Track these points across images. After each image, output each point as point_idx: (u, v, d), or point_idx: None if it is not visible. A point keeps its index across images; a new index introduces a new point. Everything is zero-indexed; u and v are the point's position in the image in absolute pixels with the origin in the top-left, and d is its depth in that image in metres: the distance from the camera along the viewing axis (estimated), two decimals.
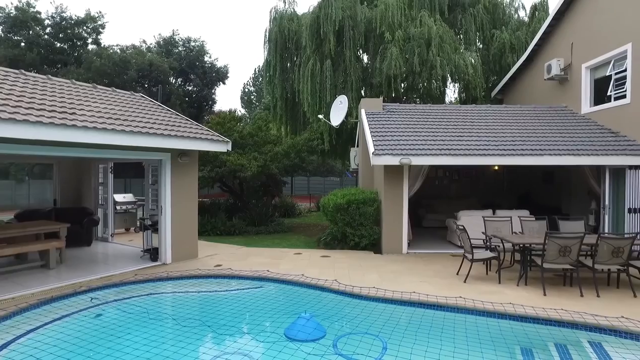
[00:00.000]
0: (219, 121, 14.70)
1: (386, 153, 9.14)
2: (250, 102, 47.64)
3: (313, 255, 9.51)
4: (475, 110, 12.41)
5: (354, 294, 6.50)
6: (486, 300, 6.04)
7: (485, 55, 16.76)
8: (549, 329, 5.29)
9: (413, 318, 5.73)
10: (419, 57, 14.46)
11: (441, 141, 9.86)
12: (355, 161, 13.50)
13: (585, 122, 11.11)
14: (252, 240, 11.84)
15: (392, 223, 9.77)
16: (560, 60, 12.26)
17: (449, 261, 8.82)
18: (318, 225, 15.10)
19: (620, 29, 10.35)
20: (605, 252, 6.44)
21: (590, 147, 9.53)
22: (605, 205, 9.77)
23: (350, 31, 14.95)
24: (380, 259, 9.13)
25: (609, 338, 5.02)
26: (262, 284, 7.36)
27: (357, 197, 9.84)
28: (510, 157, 9.27)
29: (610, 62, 10.77)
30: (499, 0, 17.36)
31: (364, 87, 16.36)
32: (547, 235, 6.45)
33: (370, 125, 10.77)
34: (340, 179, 32.26)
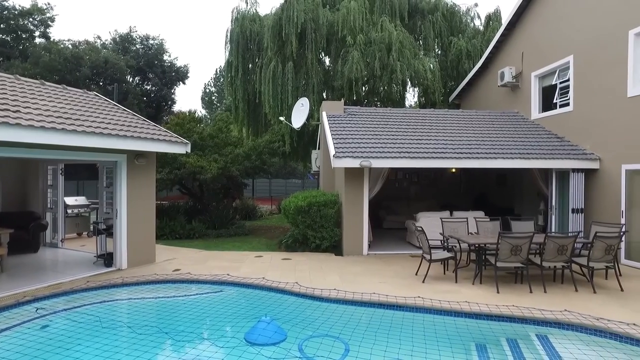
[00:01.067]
0: (178, 122, 14.34)
1: (347, 156, 9.25)
2: (211, 103, 46.78)
3: (274, 258, 9.45)
4: (433, 115, 12.78)
5: (314, 296, 6.52)
6: (443, 299, 6.22)
7: (443, 61, 17.32)
8: (501, 325, 5.52)
9: (373, 318, 5.81)
10: (380, 61, 14.74)
11: (401, 144, 10.08)
12: (316, 163, 13.57)
13: (535, 127, 11.71)
14: (213, 244, 11.61)
15: (353, 225, 9.88)
16: (512, 68, 12.87)
17: (409, 262, 9.02)
18: (279, 228, 15.03)
19: (563, 41, 11.00)
20: (551, 250, 6.81)
21: (539, 151, 10.05)
22: (552, 206, 10.33)
23: (313, 34, 15.03)
24: (341, 261, 9.21)
25: (553, 330, 5.32)
26: (222, 288, 7.24)
27: (318, 200, 9.88)
28: (466, 160, 9.62)
29: (555, 72, 11.42)
30: (456, 8, 18.01)
31: (326, 89, 16.48)
32: (500, 235, 6.74)
33: (332, 127, 10.85)
34: (302, 181, 32.27)
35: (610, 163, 9.44)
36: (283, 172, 31.97)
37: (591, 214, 9.77)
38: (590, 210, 9.83)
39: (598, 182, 9.73)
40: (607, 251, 6.86)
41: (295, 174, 33.34)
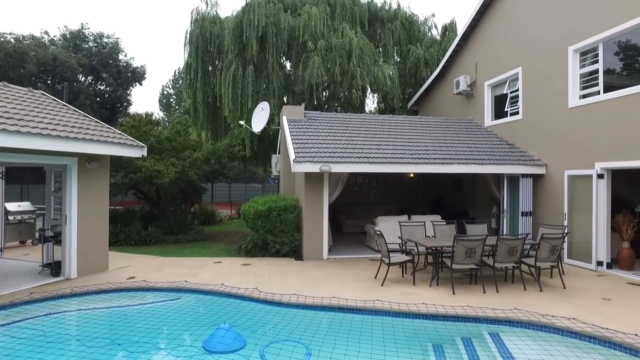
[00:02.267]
0: (134, 124, 13.85)
1: (307, 160, 9.27)
2: (169, 105, 45.49)
3: (233, 264, 9.31)
4: (392, 121, 13.08)
5: (274, 302, 6.47)
6: (402, 302, 6.35)
7: (402, 68, 17.78)
8: (457, 325, 5.71)
9: (333, 322, 5.84)
10: (340, 67, 14.94)
11: (360, 149, 10.24)
12: (276, 168, 13.52)
13: (488, 134, 12.25)
14: (170, 250, 11.27)
15: (313, 229, 9.90)
16: (467, 77, 13.42)
17: (368, 265, 9.14)
18: (239, 233, 14.82)
19: (513, 53, 11.60)
20: (503, 252, 7.13)
21: (491, 157, 10.51)
22: (504, 209, 10.83)
23: (274, 38, 15.01)
24: (301, 265, 9.20)
25: (504, 328, 5.57)
26: (179, 295, 7.04)
27: (278, 204, 9.84)
28: (424, 166, 9.90)
29: (506, 82, 12.02)
30: (414, 18, 18.57)
31: (287, 94, 16.48)
32: (455, 238, 6.97)
33: (292, 132, 10.86)
34: (262, 186, 32.00)
35: (554, 169, 10.02)
36: (243, 176, 31.57)
37: (539, 216, 10.31)
38: (538, 213, 10.38)
39: (544, 187, 10.30)
40: (552, 251, 7.27)
41: (255, 178, 33.00)
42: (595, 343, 5.00)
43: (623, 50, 9.11)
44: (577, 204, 9.34)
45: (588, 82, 9.39)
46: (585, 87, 9.44)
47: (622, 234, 8.76)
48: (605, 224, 8.77)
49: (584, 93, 9.46)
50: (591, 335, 5.07)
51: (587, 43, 9.24)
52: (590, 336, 5.07)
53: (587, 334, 5.10)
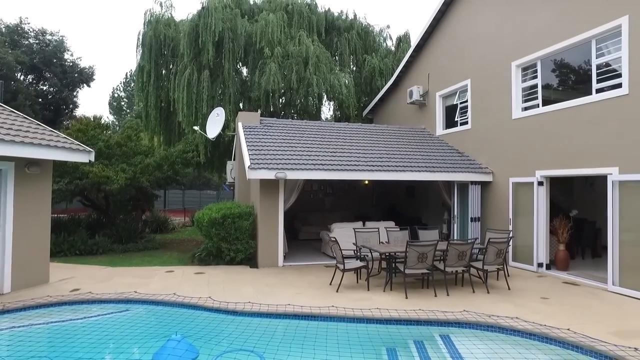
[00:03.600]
0: (80, 128, 13.16)
1: (262, 167, 9.22)
2: (120, 109, 43.68)
3: (186, 272, 9.05)
4: (347, 128, 13.28)
5: (228, 310, 6.35)
6: (356, 307, 6.42)
7: (358, 77, 18.14)
8: (409, 328, 5.85)
9: (288, 330, 5.81)
10: (297, 74, 15.02)
11: (316, 156, 10.31)
12: (231, 174, 13.33)
13: (439, 142, 12.72)
14: (119, 260, 10.77)
15: (268, 236, 9.83)
16: (420, 88, 13.90)
17: (323, 272, 9.18)
18: (193, 241, 14.43)
19: (462, 66, 12.17)
20: (453, 256, 7.40)
21: (443, 165, 10.91)
22: (455, 215, 11.26)
23: (230, 43, 14.87)
24: (256, 273, 9.10)
25: (454, 330, 5.77)
26: (128, 307, 6.73)
27: (232, 211, 9.69)
28: (378, 173, 10.12)
29: (456, 93, 12.57)
30: (370, 28, 19.03)
31: (243, 100, 16.36)
32: (408, 244, 7.16)
33: (247, 138, 10.77)
34: (217, 193, 31.37)
35: (500, 176, 10.57)
36: (197, 183, 30.80)
37: (486, 221, 10.81)
38: (485, 218, 10.88)
39: (491, 193, 10.83)
40: (498, 255, 7.64)
41: (210, 185, 32.30)
42: (535, 339, 5.31)
43: (558, 67, 9.82)
44: (520, 209, 9.88)
45: (529, 96, 10.01)
46: (527, 100, 10.06)
47: (559, 237, 9.36)
48: (544, 228, 9.34)
49: (526, 106, 10.07)
50: (531, 332, 5.38)
51: (527, 59, 9.86)
52: (530, 333, 5.38)
53: (528, 332, 5.40)
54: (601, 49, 8.27)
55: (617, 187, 7.64)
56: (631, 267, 7.38)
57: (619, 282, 7.54)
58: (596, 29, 8.20)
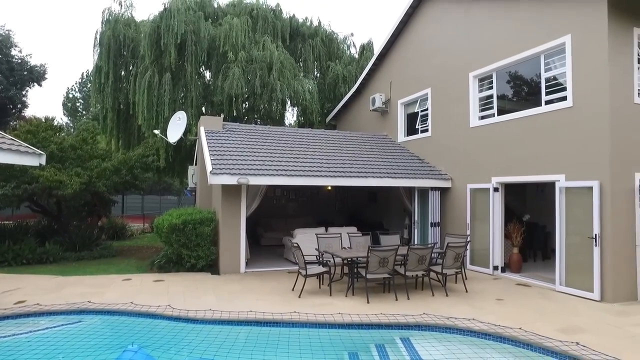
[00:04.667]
0: (30, 129, 12.51)
1: (224, 172, 9.11)
2: (75, 110, 41.79)
3: (145, 280, 8.76)
4: (311, 134, 13.35)
5: (188, 319, 6.20)
6: (318, 313, 6.45)
7: (321, 83, 18.30)
8: (371, 333, 5.93)
9: (250, 337, 5.75)
10: (261, 79, 14.98)
11: (278, 162, 10.30)
12: (193, 180, 13.07)
13: (401, 149, 13.02)
14: (71, 269, 10.28)
15: (230, 243, 9.70)
16: (382, 95, 14.19)
17: (286, 278, 9.15)
18: (152, 248, 13.99)
19: (423, 75, 12.55)
20: (413, 260, 7.58)
21: (404, 171, 11.17)
22: (415, 220, 11.54)
23: (193, 46, 14.63)
24: (217, 280, 8.95)
25: (414, 332, 5.91)
26: (80, 318, 6.42)
27: (193, 217, 9.50)
28: (340, 179, 10.22)
29: (417, 101, 12.93)
30: (334, 36, 19.27)
31: (205, 104, 16.12)
32: (369, 249, 7.27)
33: (209, 143, 10.61)
34: (178, 198, 30.61)
35: (459, 182, 10.94)
36: (158, 188, 29.95)
37: (446, 226, 11.14)
38: (445, 223, 11.22)
39: (450, 199, 11.18)
40: (456, 259, 7.89)
41: (171, 190, 31.47)
42: (490, 339, 5.54)
43: (513, 79, 10.32)
44: (477, 214, 10.26)
45: (486, 105, 10.45)
46: (484, 110, 10.49)
47: (513, 240, 9.79)
48: (500, 232, 9.74)
49: (482, 115, 10.50)
50: (486, 333, 5.60)
51: (484, 71, 10.30)
52: (485, 333, 5.60)
53: (484, 332, 5.62)
54: (549, 63, 8.78)
55: (564, 193, 8.10)
56: (575, 268, 7.84)
57: (565, 282, 7.99)
58: (544, 45, 8.70)
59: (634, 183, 7.67)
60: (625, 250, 7.52)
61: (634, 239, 7.61)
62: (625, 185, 7.59)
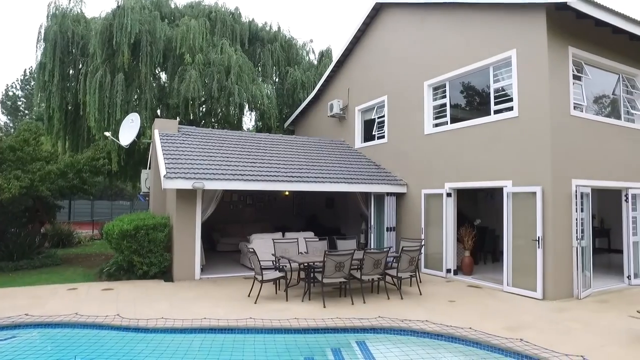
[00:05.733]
0: None
1: (179, 176, 8.87)
2: (16, 109, 39.28)
3: (92, 290, 8.33)
4: (268, 139, 13.27)
5: (139, 328, 5.95)
6: (274, 318, 6.38)
7: (280, 88, 18.29)
8: (326, 337, 5.93)
9: (203, 344, 5.61)
10: (219, 82, 14.77)
11: (235, 166, 10.16)
12: (146, 184, 12.63)
13: (358, 155, 13.21)
14: (8, 279, 9.57)
15: (185, 248, 9.43)
16: (340, 101, 14.37)
17: (242, 284, 9.01)
18: (101, 255, 13.34)
19: (380, 83, 12.83)
20: (369, 265, 7.69)
21: (360, 176, 11.33)
22: (371, 225, 11.72)
23: (148, 47, 14.18)
24: (171, 287, 8.66)
25: (369, 335, 5.97)
26: (15, 333, 5.93)
27: (146, 222, 9.16)
28: (298, 184, 10.22)
29: (374, 108, 13.20)
30: (293, 41, 19.33)
31: (161, 107, 15.68)
32: (325, 254, 7.31)
33: (164, 147, 10.30)
34: (131, 203, 29.45)
35: (414, 188, 11.24)
36: (109, 193, 28.70)
37: (401, 231, 11.40)
38: (400, 228, 11.47)
39: (406, 204, 11.46)
40: (411, 262, 8.08)
41: (123, 195, 30.25)
42: (442, 339, 5.70)
43: (465, 89, 10.77)
44: (431, 219, 10.57)
45: (440, 113, 10.82)
46: (438, 117, 10.86)
47: (465, 244, 10.17)
48: (452, 236, 10.09)
49: (436, 122, 10.87)
50: (439, 333, 5.76)
51: (437, 80, 10.69)
52: (438, 334, 5.76)
53: (436, 333, 5.78)
54: (497, 75, 9.24)
55: (511, 198, 8.53)
56: (521, 269, 8.25)
57: (512, 283, 8.39)
58: (493, 57, 9.16)
59: (571, 188, 8.21)
60: (563, 251, 8.01)
61: (571, 240, 8.12)
62: (564, 191, 8.11)
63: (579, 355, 4.92)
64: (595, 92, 9.50)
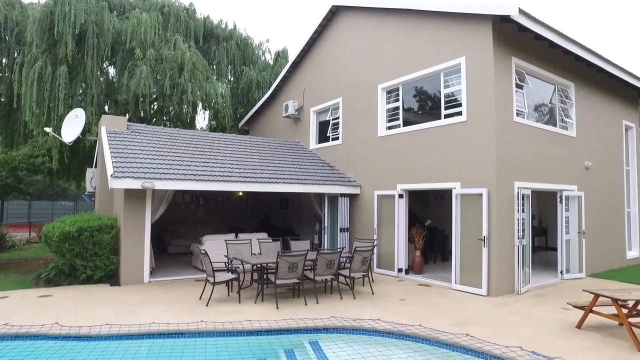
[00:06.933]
0: None
1: (127, 176, 8.50)
2: None
3: (27, 297, 7.76)
4: (222, 139, 13.01)
5: (80, 336, 5.62)
6: (226, 321, 6.26)
7: (235, 88, 18.01)
8: (279, 338, 5.90)
9: (151, 350, 5.40)
10: (171, 79, 14.31)
11: (187, 166, 9.88)
12: (92, 183, 11.99)
13: (312, 156, 13.26)
14: None
15: (133, 251, 9.05)
16: (295, 102, 14.37)
17: (194, 286, 8.78)
18: (39, 260, 12.49)
19: (335, 85, 12.97)
20: (322, 265, 7.73)
21: (314, 177, 11.39)
22: (325, 226, 11.81)
23: (95, 39, 13.47)
24: (117, 292, 8.27)
25: (322, 335, 6.00)
26: None
27: (91, 224, 8.69)
28: (251, 184, 10.10)
29: (329, 109, 13.31)
30: (249, 40, 19.11)
31: (109, 103, 14.96)
32: (278, 254, 7.27)
33: (111, 144, 9.84)
34: (75, 204, 27.87)
35: (367, 189, 11.44)
36: (50, 192, 26.99)
37: (354, 231, 11.57)
38: (353, 229, 11.64)
39: (359, 205, 11.64)
40: (363, 262, 8.22)
41: (66, 195, 28.56)
42: (393, 337, 5.84)
43: (418, 93, 11.12)
44: (383, 220, 10.81)
45: (393, 116, 11.10)
46: (391, 120, 11.13)
47: (416, 244, 10.49)
48: (404, 236, 10.37)
49: (389, 125, 11.13)
50: (390, 331, 5.90)
51: (391, 84, 10.96)
52: (389, 332, 5.90)
53: (387, 331, 5.91)
54: (447, 81, 9.62)
55: (459, 199, 8.90)
56: (468, 268, 8.64)
57: (460, 281, 8.75)
58: (444, 64, 9.52)
59: (514, 190, 8.70)
60: (506, 249, 8.47)
61: (513, 239, 8.60)
62: (507, 193, 8.58)
63: (517, 346, 5.23)
64: (535, 100, 10.14)
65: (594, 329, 6.19)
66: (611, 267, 11.51)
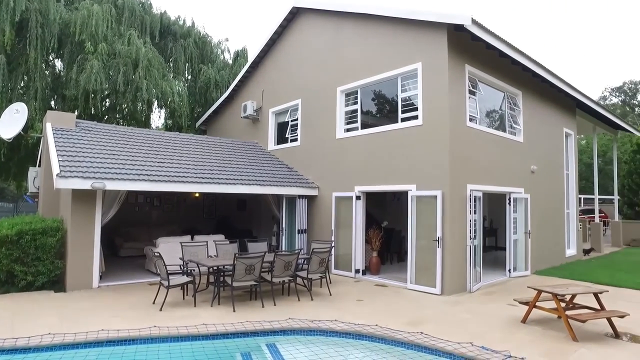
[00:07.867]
0: None
1: (75, 176, 8.06)
2: None
3: None
4: (178, 138, 12.65)
5: (16, 348, 5.21)
6: (180, 325, 6.08)
7: (192, 86, 17.59)
8: (236, 341, 5.80)
9: (99, 359, 5.14)
10: (125, 76, 13.78)
11: (141, 166, 9.52)
12: (34, 183, 11.27)
13: (271, 157, 13.17)
14: None
15: (80, 255, 8.58)
16: (254, 103, 14.22)
17: (147, 291, 8.45)
18: None
19: (294, 86, 12.97)
20: (279, 267, 7.69)
21: (272, 179, 11.31)
22: (283, 227, 11.76)
23: (39, 29, 12.72)
24: (63, 298, 7.81)
25: (279, 337, 5.97)
26: None
27: (33, 227, 8.15)
28: (208, 185, 9.88)
29: (288, 111, 13.28)
30: (208, 39, 18.74)
31: (55, 97, 14.18)
32: (235, 256, 7.16)
33: (57, 142, 9.30)
34: (15, 205, 26.10)
35: (325, 191, 11.50)
36: None
37: (312, 233, 11.59)
38: (311, 230, 11.66)
39: (317, 207, 11.68)
40: (321, 264, 8.25)
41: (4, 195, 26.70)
42: (349, 337, 5.90)
43: (376, 97, 11.31)
44: (341, 221, 10.90)
45: (351, 119, 11.23)
46: (349, 123, 11.26)
47: (373, 245, 10.65)
48: (361, 237, 10.51)
49: (348, 127, 11.26)
50: (347, 332, 5.95)
51: (350, 86, 11.09)
52: (346, 332, 5.95)
53: (344, 331, 5.97)
54: (404, 85, 9.86)
55: (415, 201, 9.13)
56: (423, 268, 8.88)
57: (415, 281, 8.98)
58: (401, 68, 9.76)
59: (467, 193, 9.05)
60: (459, 249, 8.79)
61: (466, 239, 8.94)
62: (460, 195, 8.90)
63: (468, 342, 5.45)
64: (487, 107, 10.61)
65: (537, 322, 6.56)
66: (552, 264, 12.25)
